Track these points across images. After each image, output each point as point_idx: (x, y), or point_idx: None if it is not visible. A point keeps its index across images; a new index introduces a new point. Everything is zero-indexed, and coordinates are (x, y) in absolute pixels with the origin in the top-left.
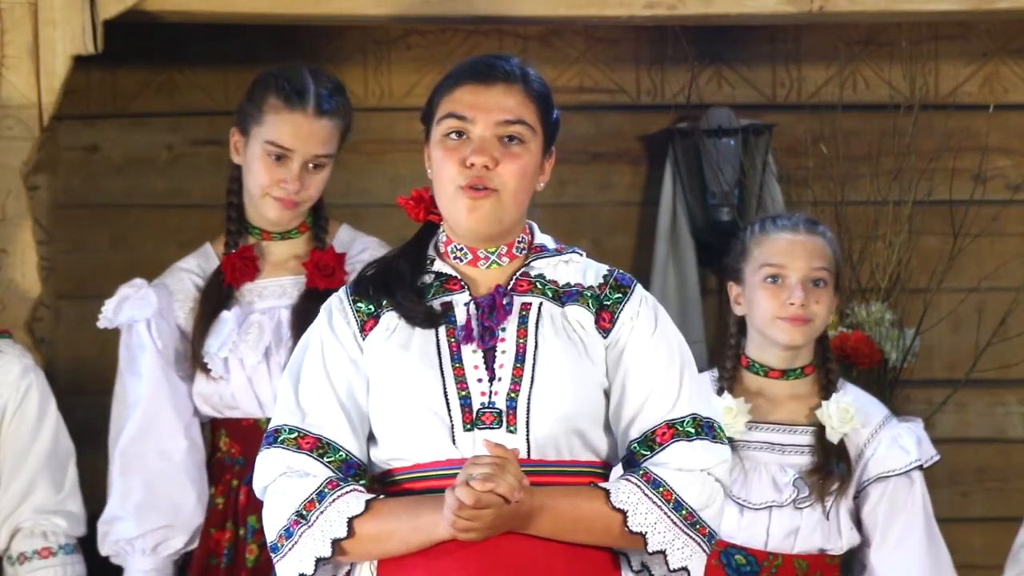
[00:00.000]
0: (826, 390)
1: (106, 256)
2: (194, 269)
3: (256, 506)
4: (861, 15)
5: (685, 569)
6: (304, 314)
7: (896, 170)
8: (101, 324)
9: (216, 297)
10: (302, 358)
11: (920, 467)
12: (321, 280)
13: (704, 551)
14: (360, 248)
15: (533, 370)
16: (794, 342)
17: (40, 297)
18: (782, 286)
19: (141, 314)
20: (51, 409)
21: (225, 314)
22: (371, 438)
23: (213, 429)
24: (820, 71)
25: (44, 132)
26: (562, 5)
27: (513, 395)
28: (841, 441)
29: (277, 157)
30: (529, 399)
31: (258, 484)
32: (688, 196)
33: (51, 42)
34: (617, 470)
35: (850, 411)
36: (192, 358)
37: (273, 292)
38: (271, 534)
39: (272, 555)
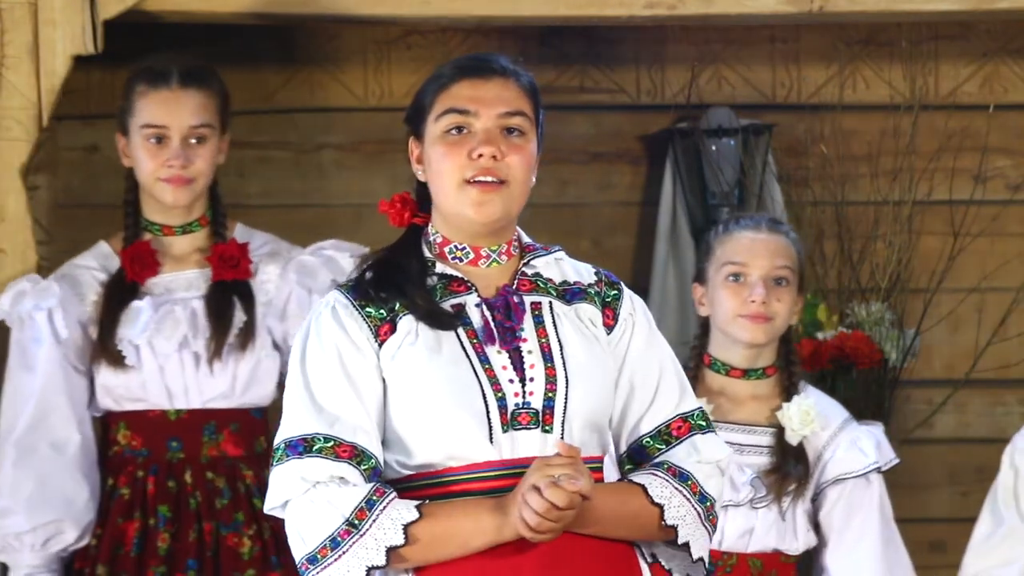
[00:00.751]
0: (787, 392)
1: None
2: (93, 265)
3: (166, 496)
4: (861, 15)
5: (701, 559)
6: (219, 304)
7: (896, 170)
8: None
9: (121, 290)
10: (309, 364)
11: (878, 470)
12: (227, 271)
13: (711, 540)
14: (261, 241)
15: (565, 369)
16: (755, 340)
17: None
18: (743, 284)
19: (44, 303)
20: None
21: (138, 303)
22: (384, 443)
23: (108, 423)
24: (820, 71)
25: (44, 132)
26: (562, 5)
27: (550, 395)
28: (800, 443)
29: (156, 140)
30: (566, 398)
31: (282, 496)
32: (688, 196)
33: (51, 42)
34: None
35: (811, 414)
36: (100, 349)
37: (180, 285)
38: (309, 545)
39: (309, 566)
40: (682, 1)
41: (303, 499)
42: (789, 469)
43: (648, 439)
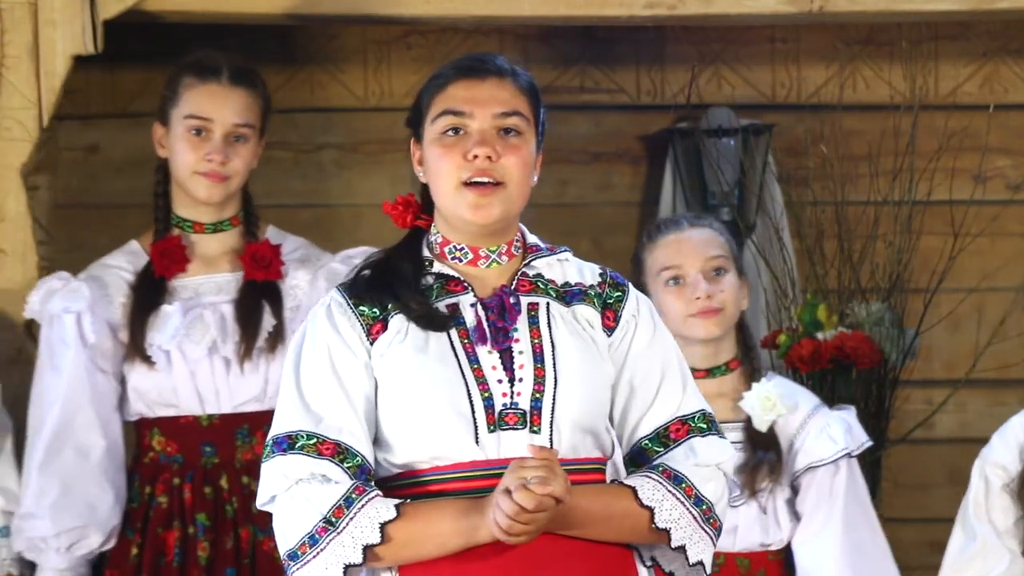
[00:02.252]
0: (750, 380)
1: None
2: (123, 265)
3: (203, 504)
4: (861, 15)
5: (700, 563)
6: (248, 308)
7: (896, 170)
8: (27, 314)
9: (151, 290)
10: (302, 362)
11: (848, 455)
12: (259, 272)
13: (714, 544)
14: (293, 246)
15: (555, 370)
16: (711, 334)
17: None
18: (684, 284)
19: (74, 306)
20: None
21: (168, 307)
22: (375, 442)
23: (142, 428)
24: (820, 71)
25: (44, 132)
26: (562, 5)
27: (537, 395)
28: (771, 429)
29: (198, 132)
30: (554, 400)
31: (268, 492)
32: (688, 196)
33: (51, 42)
34: (611, 463)
35: (771, 397)
36: (132, 351)
37: (210, 289)
38: (290, 541)
39: (289, 563)
40: (682, 1)
41: (285, 496)
42: (759, 460)
43: (647, 441)
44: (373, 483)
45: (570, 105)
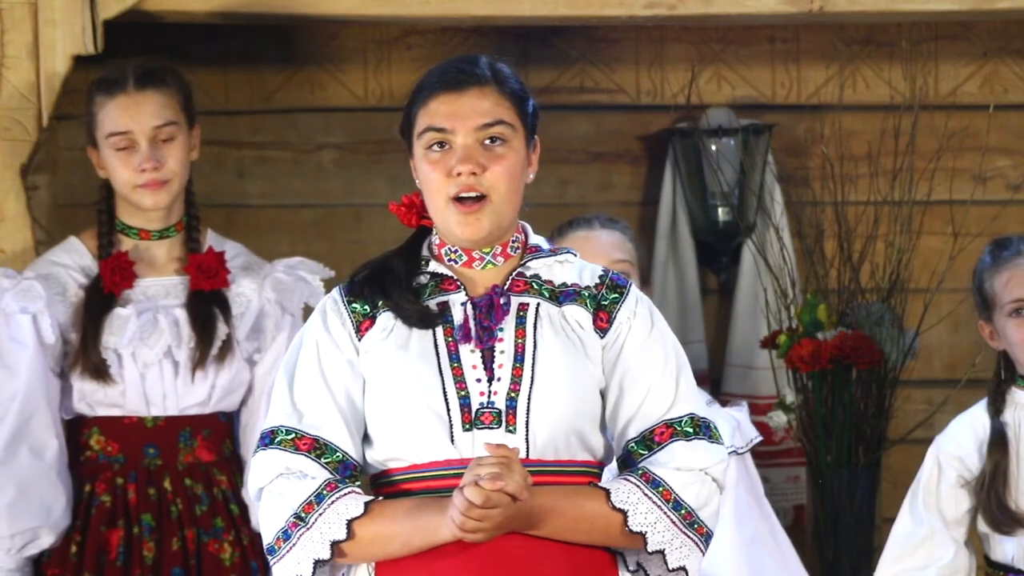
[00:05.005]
0: None
1: None
2: (71, 265)
3: (148, 505)
4: (861, 15)
5: (683, 568)
6: (203, 317)
7: (896, 170)
8: None
9: (101, 298)
10: (296, 359)
11: (737, 452)
12: (205, 282)
13: (701, 551)
14: (233, 252)
15: (533, 370)
16: None
17: None
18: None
19: (32, 307)
20: None
21: (122, 311)
22: (366, 439)
23: (80, 427)
24: (820, 71)
25: (44, 132)
26: (562, 5)
27: (513, 395)
28: None
29: (123, 148)
30: (529, 399)
31: (254, 486)
32: (688, 196)
33: (51, 42)
34: (610, 469)
35: None
36: (81, 357)
37: (159, 292)
38: (268, 536)
39: (268, 557)
40: (682, 1)
41: (267, 490)
42: None
43: (633, 444)
44: (358, 479)
45: (570, 105)
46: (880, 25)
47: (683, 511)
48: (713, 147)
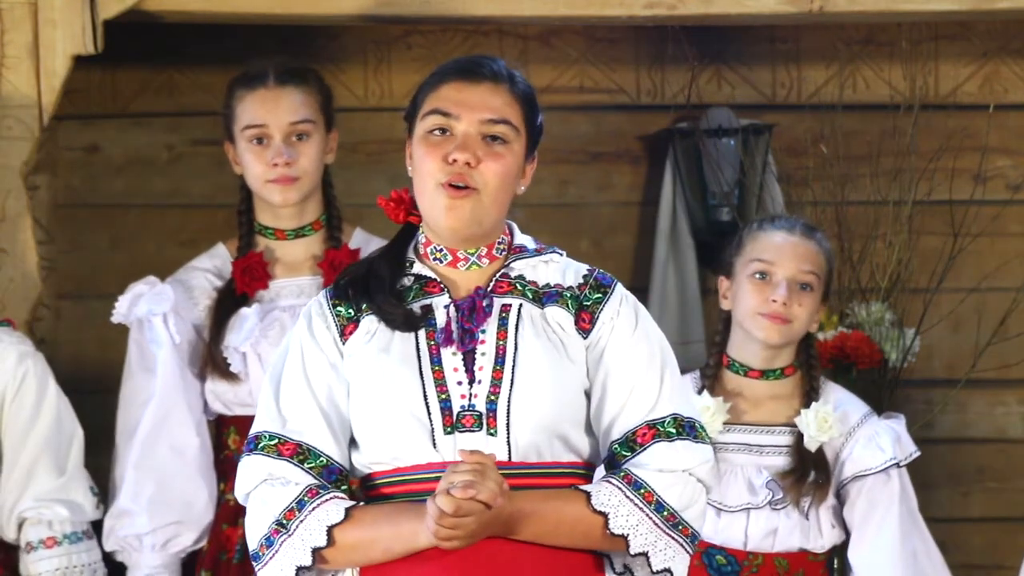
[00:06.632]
0: (807, 395)
1: (106, 256)
2: (209, 268)
3: None
4: (861, 15)
5: (668, 570)
6: None
7: (896, 170)
8: (115, 319)
9: (232, 299)
10: (282, 364)
11: (897, 465)
12: None
13: (687, 551)
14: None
15: (513, 372)
16: (771, 340)
17: (40, 297)
18: (768, 283)
19: (159, 308)
20: (49, 393)
21: (245, 310)
22: (352, 442)
23: (220, 426)
24: (820, 71)
25: (44, 132)
26: (562, 5)
27: (493, 398)
28: (820, 447)
29: (258, 140)
30: (509, 402)
31: (240, 491)
32: (688, 196)
33: (51, 42)
34: (600, 471)
35: (828, 420)
36: (208, 357)
37: (291, 292)
38: (252, 542)
39: (254, 563)
40: (682, 1)
41: (251, 496)
42: (807, 473)
43: (616, 445)
44: (344, 483)
45: (570, 105)
46: (880, 25)
47: (666, 512)
48: (713, 147)
